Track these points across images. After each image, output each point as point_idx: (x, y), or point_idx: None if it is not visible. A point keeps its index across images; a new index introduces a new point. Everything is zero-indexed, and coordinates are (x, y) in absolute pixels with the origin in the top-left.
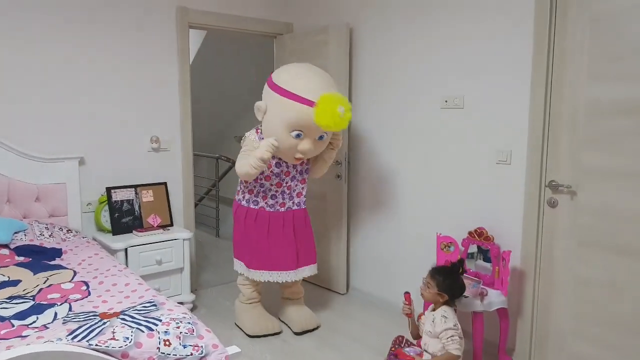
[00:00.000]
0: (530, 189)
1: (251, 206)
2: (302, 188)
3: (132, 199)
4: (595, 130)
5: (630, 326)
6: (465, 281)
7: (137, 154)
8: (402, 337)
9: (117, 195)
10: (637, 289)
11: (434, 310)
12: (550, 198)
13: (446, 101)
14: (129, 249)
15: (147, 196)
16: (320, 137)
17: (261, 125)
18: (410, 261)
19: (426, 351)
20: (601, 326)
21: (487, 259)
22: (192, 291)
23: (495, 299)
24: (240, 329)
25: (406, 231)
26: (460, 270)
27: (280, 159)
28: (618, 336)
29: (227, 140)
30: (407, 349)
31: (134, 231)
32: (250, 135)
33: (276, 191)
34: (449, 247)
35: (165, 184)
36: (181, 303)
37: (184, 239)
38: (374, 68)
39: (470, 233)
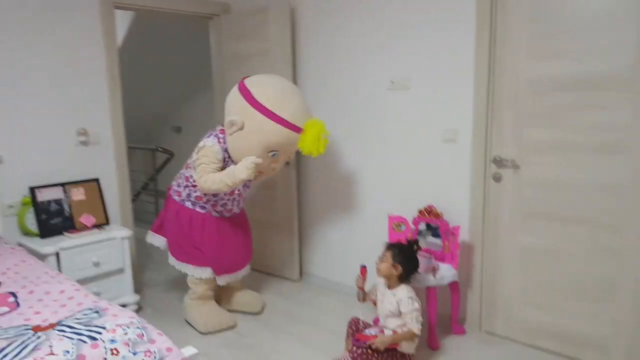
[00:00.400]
0: (476, 165)
1: (197, 209)
2: (247, 192)
3: (61, 199)
4: (536, 106)
5: (573, 289)
6: (418, 257)
7: (63, 149)
8: (357, 319)
9: (43, 195)
10: (579, 254)
11: (389, 287)
12: (495, 173)
13: (392, 82)
14: (60, 252)
15: (78, 194)
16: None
17: (220, 134)
18: (363, 243)
19: (386, 327)
20: (546, 291)
21: (436, 235)
22: (135, 292)
23: (446, 273)
24: (192, 326)
25: (357, 213)
26: (415, 247)
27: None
28: (562, 299)
29: (163, 131)
30: (367, 330)
31: (65, 233)
32: (213, 146)
33: (228, 200)
34: (400, 226)
35: (97, 180)
36: (125, 305)
37: (122, 238)
38: (318, 50)
39: (420, 211)
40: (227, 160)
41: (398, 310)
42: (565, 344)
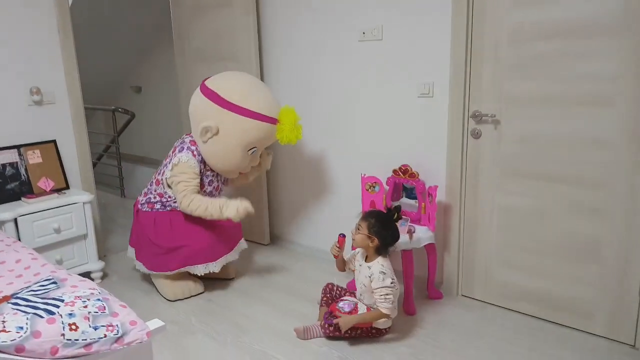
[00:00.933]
0: (454, 121)
1: (167, 210)
2: (221, 194)
3: (16, 162)
4: (518, 56)
5: (555, 251)
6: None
7: (15, 110)
8: (332, 284)
9: None
10: (562, 214)
11: (366, 258)
12: (474, 129)
13: (364, 33)
14: (18, 219)
15: (34, 157)
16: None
17: (192, 146)
18: (335, 205)
19: (361, 301)
20: (527, 254)
21: (412, 196)
22: (100, 258)
23: (423, 235)
24: (160, 294)
25: (329, 175)
26: (396, 216)
27: (213, 173)
28: (544, 262)
29: (123, 91)
30: (340, 304)
31: (22, 198)
32: (189, 161)
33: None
34: (374, 187)
35: (54, 142)
36: (89, 273)
37: (84, 203)
38: (283, 0)
39: (394, 171)
40: (202, 171)
41: (371, 285)
42: (546, 308)
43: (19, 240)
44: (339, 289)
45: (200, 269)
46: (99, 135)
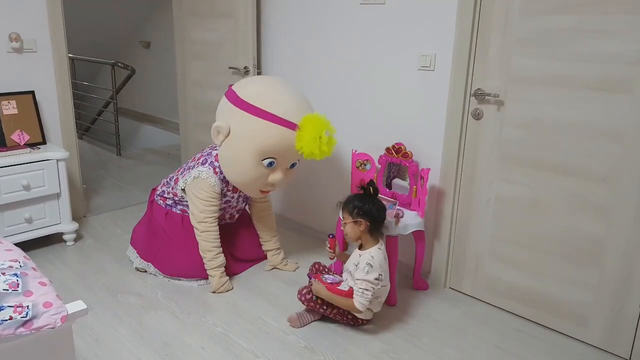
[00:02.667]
0: (454, 99)
1: (187, 214)
2: (240, 211)
3: None
4: (529, 29)
5: (553, 248)
6: (380, 200)
7: None
8: (319, 263)
9: None
10: (561, 208)
11: (360, 247)
12: (475, 109)
13: None
14: None
15: (9, 108)
16: (292, 165)
17: (216, 162)
18: (324, 181)
19: (346, 282)
20: (522, 249)
21: (404, 177)
22: (79, 218)
23: (411, 221)
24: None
25: None
26: (371, 190)
27: (233, 195)
28: (537, 259)
29: (131, 46)
30: (326, 275)
31: None
32: (209, 179)
33: (226, 210)
34: (365, 165)
35: (32, 92)
36: (61, 234)
37: (57, 160)
38: None
39: (387, 149)
40: (225, 192)
41: (354, 274)
42: (537, 310)
43: None
44: (326, 269)
45: (193, 283)
46: (104, 91)
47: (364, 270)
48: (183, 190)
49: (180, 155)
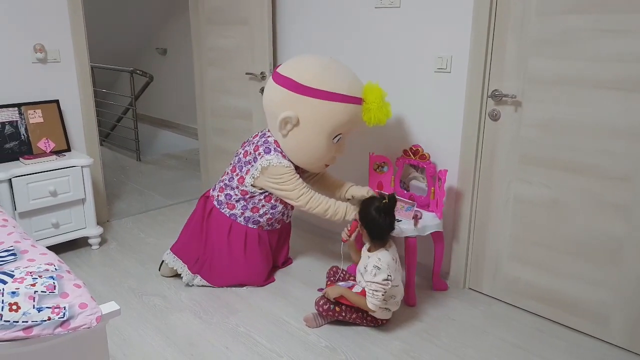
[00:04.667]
0: (471, 101)
1: (250, 225)
2: None
3: (16, 121)
4: (546, 30)
5: (572, 249)
6: (398, 204)
7: (18, 67)
8: (337, 267)
9: None
10: (580, 208)
11: (370, 249)
12: (492, 110)
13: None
14: (13, 179)
15: (35, 117)
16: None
17: (277, 147)
18: None
19: (359, 284)
20: (541, 249)
21: (422, 179)
22: (101, 224)
23: (429, 222)
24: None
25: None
26: (383, 203)
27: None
28: (557, 258)
29: (148, 53)
30: (339, 283)
31: (20, 159)
32: (282, 162)
33: (284, 211)
34: (382, 167)
35: (57, 101)
36: (87, 238)
37: (82, 167)
38: None
39: (405, 151)
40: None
41: (364, 277)
42: (557, 310)
43: (14, 202)
44: (343, 272)
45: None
46: (123, 98)
47: (371, 273)
48: (253, 185)
49: (200, 160)
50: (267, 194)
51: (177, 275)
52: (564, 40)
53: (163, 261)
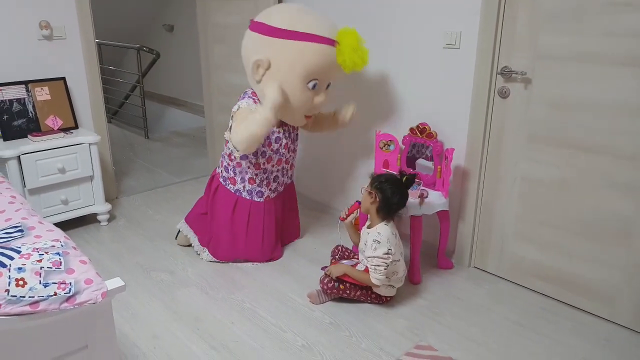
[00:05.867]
0: (480, 77)
1: (255, 199)
2: (294, 158)
3: (24, 98)
4: (557, 4)
5: (580, 228)
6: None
7: (23, 44)
8: (341, 246)
9: (4, 94)
10: (588, 187)
11: (369, 226)
12: (501, 87)
13: None
14: (22, 156)
15: (42, 94)
16: (328, 86)
17: (253, 96)
18: (347, 162)
19: (363, 262)
20: (548, 228)
21: (429, 158)
22: (112, 200)
23: (435, 201)
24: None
25: (342, 130)
26: (405, 179)
27: (280, 130)
28: (566, 239)
29: (155, 29)
30: (343, 261)
31: (29, 136)
32: (249, 106)
33: (278, 171)
34: (389, 145)
35: (64, 78)
36: (95, 215)
37: (89, 144)
38: None
39: (411, 129)
40: (272, 130)
41: (364, 253)
42: (563, 289)
43: (23, 179)
44: (348, 251)
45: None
46: (131, 75)
47: (372, 248)
48: (230, 141)
49: (206, 137)
50: (252, 160)
51: (191, 246)
52: (575, 15)
53: (180, 230)
